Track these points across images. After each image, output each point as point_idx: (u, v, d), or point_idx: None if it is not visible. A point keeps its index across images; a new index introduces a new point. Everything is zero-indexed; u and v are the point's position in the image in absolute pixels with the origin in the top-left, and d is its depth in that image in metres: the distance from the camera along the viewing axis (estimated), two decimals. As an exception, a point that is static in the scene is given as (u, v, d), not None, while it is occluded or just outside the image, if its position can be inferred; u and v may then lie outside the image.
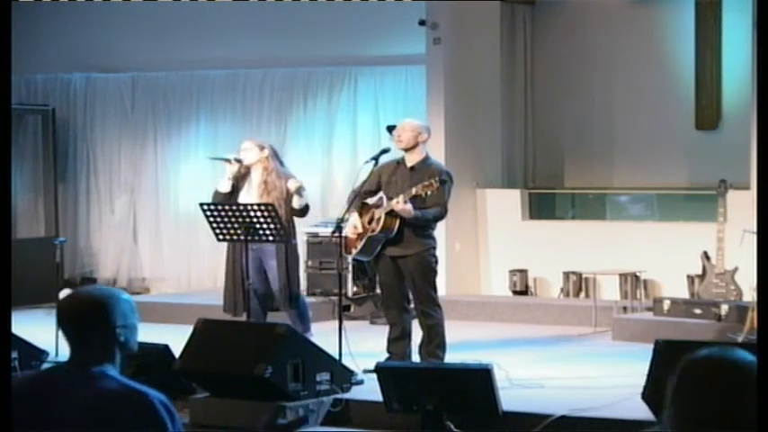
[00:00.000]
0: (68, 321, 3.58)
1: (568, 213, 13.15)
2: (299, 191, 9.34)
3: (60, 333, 3.61)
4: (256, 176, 9.47)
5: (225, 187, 9.52)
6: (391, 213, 8.66)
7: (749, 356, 2.85)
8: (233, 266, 9.51)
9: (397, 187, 8.76)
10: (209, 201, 9.48)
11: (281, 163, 9.68)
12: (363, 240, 8.81)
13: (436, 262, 8.89)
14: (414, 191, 8.53)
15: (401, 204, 8.54)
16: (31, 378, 3.68)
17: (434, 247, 8.85)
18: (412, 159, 8.84)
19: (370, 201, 8.93)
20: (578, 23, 12.84)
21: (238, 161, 9.48)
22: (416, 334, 8.97)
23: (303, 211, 9.43)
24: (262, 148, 9.52)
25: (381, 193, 8.88)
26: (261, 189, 9.40)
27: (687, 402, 2.83)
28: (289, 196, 9.37)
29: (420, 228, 8.73)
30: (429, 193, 8.53)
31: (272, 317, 9.59)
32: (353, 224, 8.84)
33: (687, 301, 10.69)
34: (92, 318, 3.54)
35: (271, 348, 7.83)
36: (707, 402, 2.79)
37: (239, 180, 9.52)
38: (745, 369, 2.81)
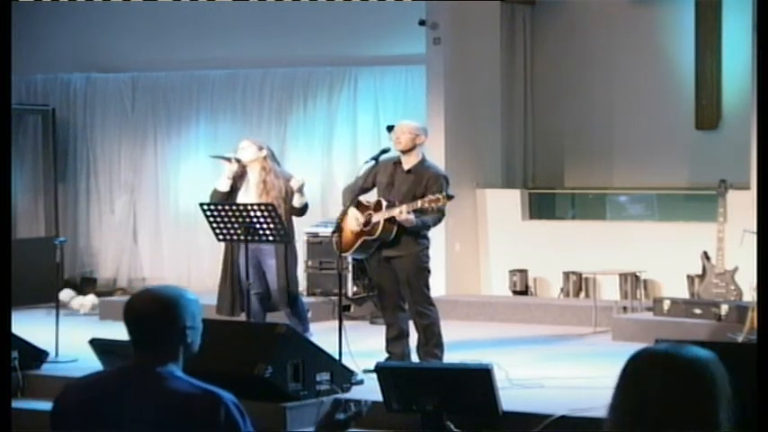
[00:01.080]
0: (138, 320, 3.52)
1: (568, 213, 13.15)
2: (302, 188, 9.36)
3: (127, 331, 3.54)
4: (254, 176, 9.48)
5: (224, 186, 9.52)
6: (391, 220, 8.68)
7: (701, 353, 2.82)
8: (230, 267, 9.51)
9: (394, 190, 8.78)
10: (208, 200, 9.48)
11: (278, 164, 9.70)
12: (359, 243, 8.82)
13: (428, 261, 8.90)
14: (419, 204, 8.52)
15: (404, 215, 8.57)
16: (93, 379, 3.62)
17: (428, 247, 8.88)
18: (409, 162, 8.85)
19: (364, 200, 8.93)
20: (578, 23, 12.84)
21: (238, 160, 9.49)
22: (414, 334, 8.97)
23: (302, 209, 9.44)
24: (260, 147, 9.53)
25: (379, 197, 8.88)
26: (260, 188, 9.41)
27: (628, 395, 2.82)
28: (288, 195, 9.38)
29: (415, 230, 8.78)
30: (435, 206, 8.55)
31: (272, 317, 9.59)
32: (355, 217, 8.84)
33: (687, 301, 10.69)
34: (163, 318, 3.50)
35: (271, 348, 7.84)
36: (646, 396, 2.78)
37: (237, 180, 9.53)
38: (696, 365, 2.79)
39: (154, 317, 3.50)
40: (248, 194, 9.46)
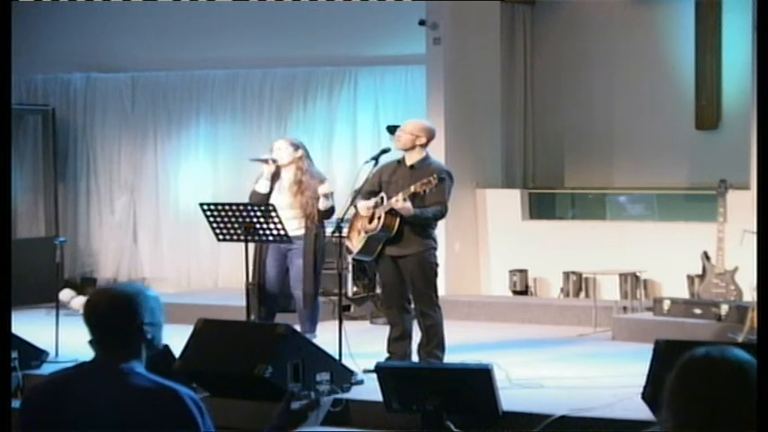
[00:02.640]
0: (96, 319, 3.55)
1: (568, 213, 13.15)
2: (328, 196, 9.40)
3: (88, 330, 3.58)
4: (288, 176, 9.50)
5: (264, 188, 9.54)
6: (391, 212, 8.66)
7: (747, 356, 2.83)
8: (260, 268, 9.52)
9: (398, 186, 8.75)
10: (246, 201, 9.49)
11: (312, 163, 9.71)
12: (364, 240, 8.81)
13: (437, 264, 8.88)
14: (412, 188, 8.53)
15: (400, 203, 8.53)
16: (59, 377, 3.66)
17: (435, 248, 8.84)
18: (412, 158, 8.85)
19: (372, 201, 8.92)
20: (578, 23, 12.84)
21: (274, 161, 9.52)
22: (417, 334, 8.97)
23: (328, 212, 9.45)
24: (296, 147, 9.55)
25: (382, 193, 8.88)
26: (294, 189, 9.44)
27: (685, 401, 2.81)
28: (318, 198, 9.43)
29: (420, 227, 8.72)
30: (427, 190, 8.52)
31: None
32: (366, 205, 8.81)
33: (687, 301, 10.69)
34: (119, 315, 3.53)
35: (271, 348, 7.83)
36: (704, 402, 2.77)
37: (273, 179, 9.56)
38: (744, 368, 2.79)
39: (111, 314, 3.53)
40: (282, 194, 9.48)
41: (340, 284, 9.20)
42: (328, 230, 10.31)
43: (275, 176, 9.57)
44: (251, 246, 9.53)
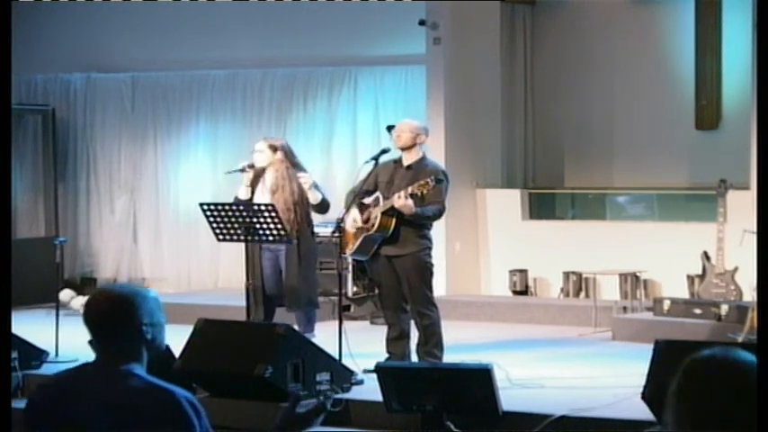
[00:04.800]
0: (95, 320, 3.55)
1: (568, 213, 13.15)
2: (312, 186, 9.36)
3: (88, 333, 3.58)
4: (270, 177, 9.50)
5: (244, 195, 9.55)
6: (387, 213, 8.67)
7: (751, 356, 2.84)
8: (254, 270, 9.53)
9: (394, 187, 8.77)
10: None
11: (294, 164, 9.62)
12: (360, 240, 8.81)
13: (432, 263, 8.88)
14: (410, 190, 8.54)
15: (402, 200, 8.53)
16: (60, 377, 3.67)
17: (430, 248, 8.85)
18: (409, 158, 8.87)
19: (367, 200, 8.93)
20: (578, 23, 12.84)
21: (251, 167, 9.51)
22: (415, 334, 8.97)
23: (321, 205, 9.40)
24: (275, 149, 9.52)
25: (378, 194, 8.89)
26: (271, 192, 9.43)
27: (691, 403, 2.81)
28: (302, 196, 9.37)
29: (416, 227, 8.73)
30: (425, 191, 8.53)
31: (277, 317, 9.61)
32: (353, 218, 8.85)
33: (687, 301, 10.69)
34: (118, 316, 3.52)
35: (271, 348, 7.84)
36: (711, 403, 2.77)
37: (255, 180, 9.56)
38: (749, 369, 2.80)
39: (109, 316, 3.53)
40: (264, 195, 9.48)
41: (340, 284, 9.20)
42: (328, 230, 10.31)
43: (259, 178, 9.57)
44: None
